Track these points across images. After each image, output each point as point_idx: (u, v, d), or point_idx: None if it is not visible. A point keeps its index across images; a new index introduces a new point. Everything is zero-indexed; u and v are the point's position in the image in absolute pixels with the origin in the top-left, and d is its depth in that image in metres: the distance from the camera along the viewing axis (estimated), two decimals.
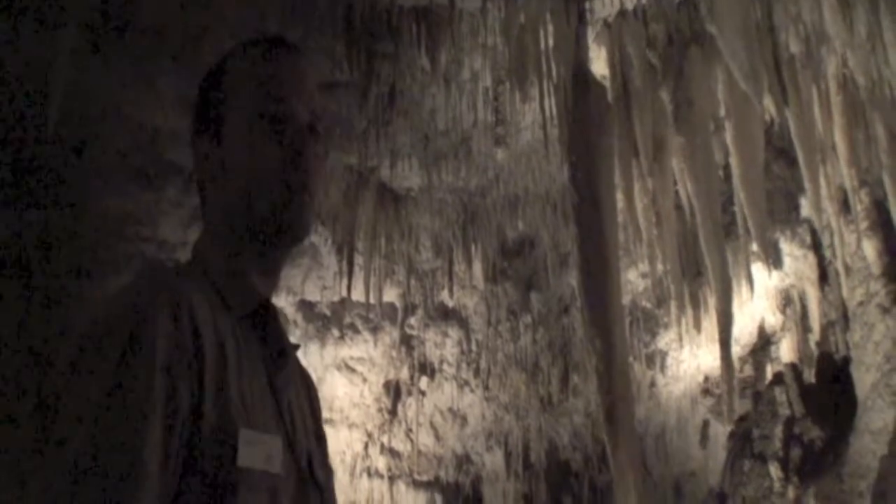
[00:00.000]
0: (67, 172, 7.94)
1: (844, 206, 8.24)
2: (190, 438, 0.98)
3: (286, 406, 1.13)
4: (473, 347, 11.24)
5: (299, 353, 1.28)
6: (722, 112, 7.34)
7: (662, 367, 11.23)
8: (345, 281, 9.64)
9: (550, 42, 7.12)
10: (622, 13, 7.26)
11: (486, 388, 11.37)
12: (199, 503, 0.97)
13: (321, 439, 1.25)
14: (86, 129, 7.68)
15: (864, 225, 8.46)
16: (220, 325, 1.07)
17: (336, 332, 10.73)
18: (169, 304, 1.00)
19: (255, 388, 1.08)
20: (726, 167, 7.79)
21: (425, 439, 11.65)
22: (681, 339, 10.00)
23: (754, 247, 8.17)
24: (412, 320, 10.95)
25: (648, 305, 10.81)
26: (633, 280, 10.42)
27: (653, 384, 11.37)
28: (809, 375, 9.53)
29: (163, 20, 6.98)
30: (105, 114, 7.62)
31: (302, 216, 1.17)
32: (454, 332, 11.14)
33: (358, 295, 9.96)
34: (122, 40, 7.01)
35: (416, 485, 11.74)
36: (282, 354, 1.17)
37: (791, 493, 8.63)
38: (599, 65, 7.48)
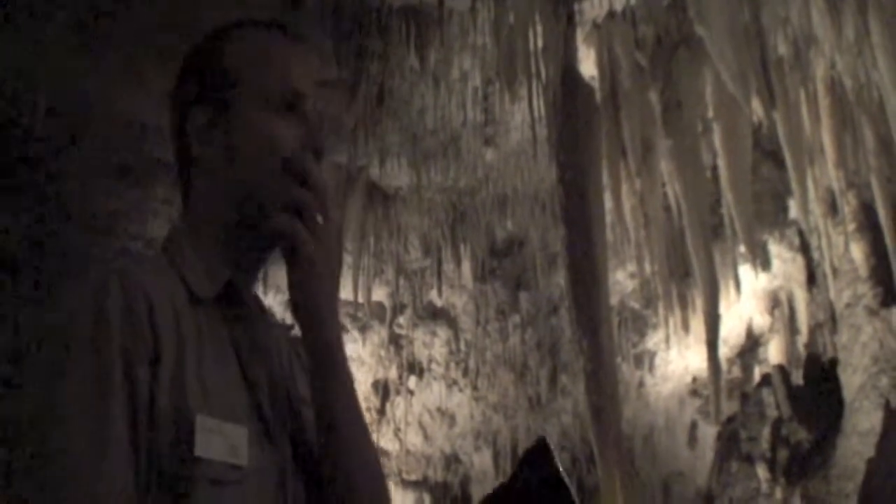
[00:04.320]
0: (55, 170, 7.92)
1: (832, 209, 8.26)
2: (147, 428, 0.95)
3: (265, 393, 1.08)
4: (462, 347, 11.23)
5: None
6: (710, 114, 7.36)
7: (650, 368, 11.24)
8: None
9: (539, 43, 7.12)
10: (611, 14, 7.26)
11: (475, 387, 11.36)
12: (160, 497, 0.95)
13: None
14: (74, 126, 7.66)
15: (851, 227, 8.47)
16: (179, 312, 1.04)
17: None
18: (121, 291, 0.99)
19: (222, 376, 1.04)
20: (714, 169, 7.80)
21: (413, 439, 11.65)
22: (669, 339, 10.00)
23: (742, 248, 8.18)
24: (401, 319, 10.94)
25: (636, 306, 10.81)
26: (622, 280, 10.42)
27: (641, 385, 11.38)
28: (797, 377, 9.53)
29: (151, 16, 6.96)
30: (93, 111, 7.60)
31: None
32: (443, 332, 11.13)
33: (346, 294, 9.93)
34: (110, 37, 6.99)
35: (405, 484, 11.73)
36: (255, 333, 1.13)
37: (778, 494, 8.65)
38: (588, 66, 7.48)
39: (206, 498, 0.96)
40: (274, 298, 9.95)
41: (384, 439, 11.57)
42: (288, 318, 1.24)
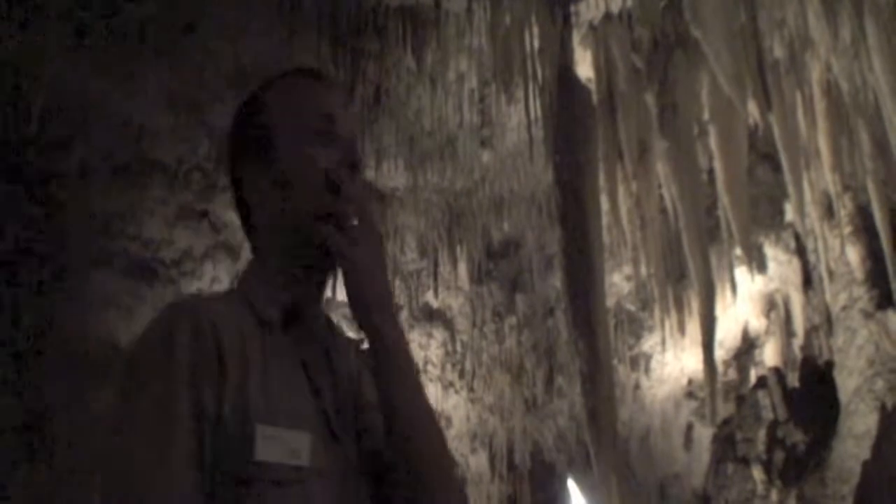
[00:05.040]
0: (52, 169, 7.91)
1: (828, 211, 8.27)
2: (214, 439, 1.07)
3: (329, 401, 1.20)
4: (458, 348, 11.22)
5: None
6: (706, 116, 7.36)
7: (647, 370, 11.24)
8: (329, 281, 9.60)
9: (536, 44, 7.13)
10: (607, 16, 7.27)
11: (471, 389, 11.35)
12: (226, 497, 1.06)
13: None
14: (70, 126, 7.65)
15: (847, 230, 8.49)
16: (245, 333, 1.16)
17: None
18: (190, 321, 1.11)
19: (287, 388, 1.16)
20: (710, 171, 7.81)
21: None
22: (665, 342, 10.00)
23: (738, 251, 8.18)
24: None
25: (633, 308, 10.81)
26: (618, 282, 10.42)
27: (637, 387, 11.38)
28: (793, 379, 9.55)
29: (148, 16, 6.96)
30: (90, 110, 7.60)
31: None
32: (439, 333, 11.11)
33: (343, 295, 9.90)
34: (107, 36, 6.98)
35: None
36: (324, 350, 1.26)
37: (774, 496, 8.65)
38: (584, 67, 7.49)
39: (271, 496, 1.08)
40: None
41: None
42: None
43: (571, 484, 11.55)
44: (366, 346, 1.25)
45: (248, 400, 1.10)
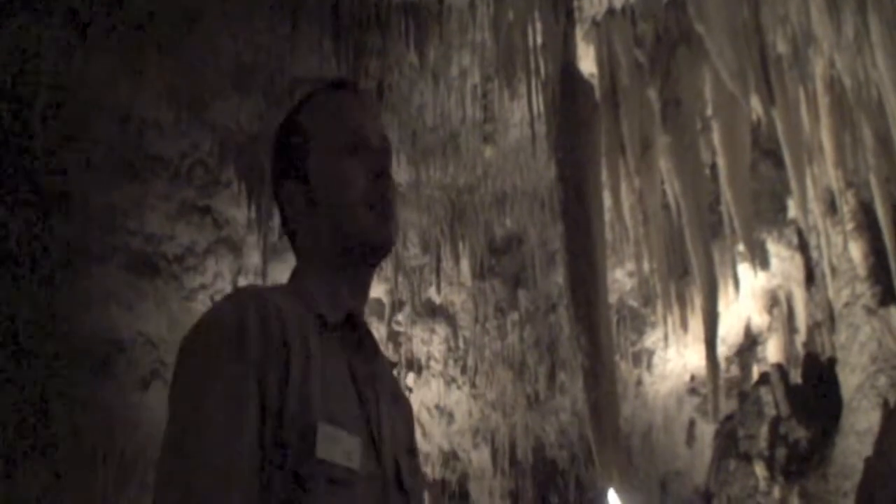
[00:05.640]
0: (54, 165, 7.91)
1: (831, 208, 8.26)
2: (275, 428, 1.08)
3: (374, 413, 1.21)
4: (461, 344, 11.21)
5: None
6: (709, 111, 7.36)
7: (649, 366, 11.23)
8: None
9: (539, 40, 7.13)
10: (610, 11, 7.27)
11: (473, 385, 11.35)
12: (281, 490, 1.06)
13: (413, 453, 1.32)
14: (72, 121, 7.65)
15: (850, 226, 8.47)
16: (307, 332, 1.17)
17: None
18: (258, 308, 1.13)
19: (340, 391, 1.17)
20: (713, 167, 7.81)
21: None
22: (667, 338, 10.00)
23: (741, 247, 8.17)
24: (399, 317, 10.92)
25: (635, 304, 10.80)
26: (620, 279, 10.41)
27: (639, 383, 11.37)
28: (795, 376, 9.54)
29: (150, 9, 6.96)
30: (91, 106, 7.59)
31: (388, 229, 1.29)
32: (441, 329, 11.11)
33: None
34: (109, 30, 6.98)
35: None
36: (370, 364, 1.26)
37: (776, 492, 8.65)
38: (587, 63, 7.48)
39: (324, 494, 1.08)
40: None
41: None
42: None
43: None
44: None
45: (310, 395, 1.11)
